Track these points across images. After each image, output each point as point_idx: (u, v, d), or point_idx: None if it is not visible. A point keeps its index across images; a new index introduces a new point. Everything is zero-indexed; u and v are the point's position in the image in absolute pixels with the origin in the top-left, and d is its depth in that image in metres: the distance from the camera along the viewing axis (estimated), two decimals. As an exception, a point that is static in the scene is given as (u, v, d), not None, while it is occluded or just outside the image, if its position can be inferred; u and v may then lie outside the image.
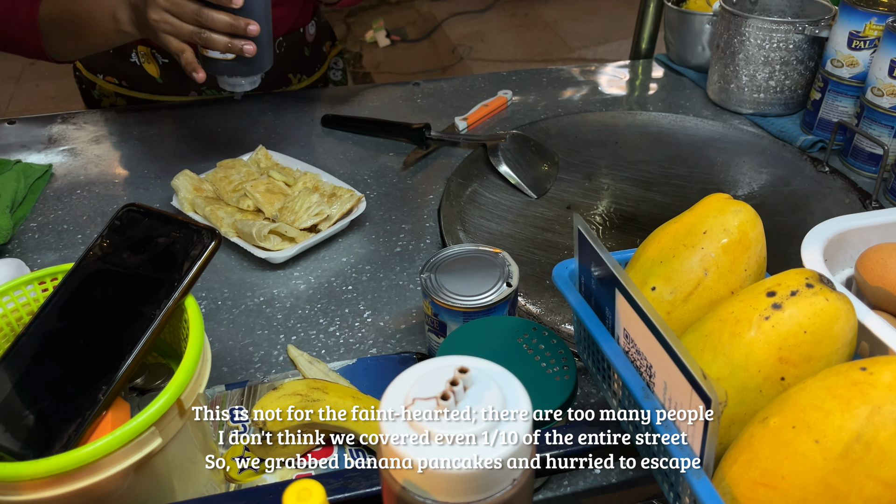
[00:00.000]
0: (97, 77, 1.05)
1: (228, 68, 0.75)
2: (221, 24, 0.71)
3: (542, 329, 0.52)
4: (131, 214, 0.48)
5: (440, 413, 0.31)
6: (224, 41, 0.71)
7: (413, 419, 0.31)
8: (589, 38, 3.51)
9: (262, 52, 0.75)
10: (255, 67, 0.76)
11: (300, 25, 1.07)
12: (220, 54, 0.74)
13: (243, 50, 0.72)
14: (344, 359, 0.63)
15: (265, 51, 0.76)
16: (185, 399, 0.42)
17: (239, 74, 0.77)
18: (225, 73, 0.76)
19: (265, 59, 0.76)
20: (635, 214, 0.82)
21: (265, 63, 0.77)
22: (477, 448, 0.30)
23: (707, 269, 0.44)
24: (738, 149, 0.93)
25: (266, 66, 0.77)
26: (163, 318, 0.44)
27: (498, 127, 1.01)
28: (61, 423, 0.41)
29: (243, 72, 0.76)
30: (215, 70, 0.76)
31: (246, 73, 0.77)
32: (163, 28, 0.72)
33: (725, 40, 0.98)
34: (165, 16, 0.72)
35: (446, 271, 0.58)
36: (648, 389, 0.39)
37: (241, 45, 0.72)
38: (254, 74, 0.78)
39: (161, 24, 0.72)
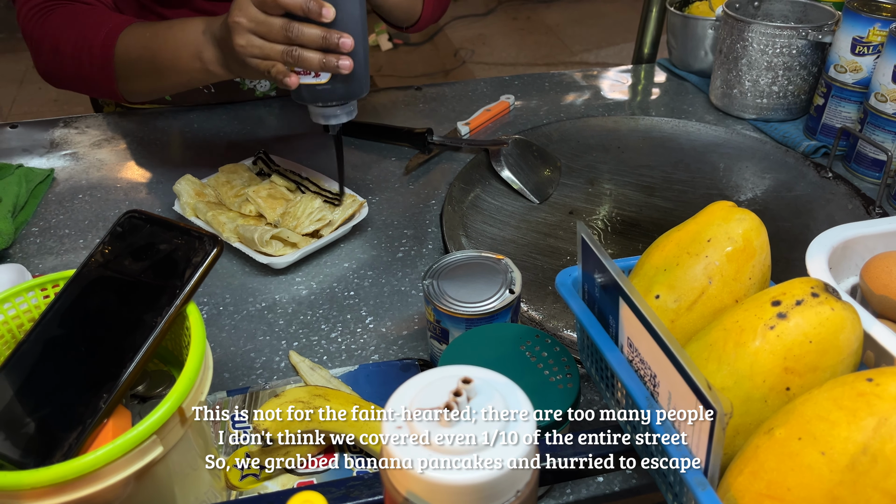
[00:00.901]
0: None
1: (324, 93, 0.68)
2: (313, 38, 0.64)
3: (544, 336, 0.52)
4: (133, 221, 0.48)
5: (444, 424, 0.31)
6: (317, 58, 0.65)
7: (416, 430, 0.31)
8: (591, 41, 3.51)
9: (359, 71, 0.68)
10: (352, 90, 0.69)
11: None
12: (312, 78, 0.67)
13: (339, 66, 0.65)
14: (346, 365, 0.63)
15: (363, 70, 0.68)
16: (187, 407, 0.42)
17: (334, 99, 0.69)
18: (320, 99, 0.69)
19: (363, 82, 0.69)
20: (637, 220, 0.82)
21: (363, 86, 0.70)
22: (481, 459, 0.30)
23: (711, 277, 0.44)
24: (740, 154, 0.93)
25: (364, 90, 0.70)
26: (164, 325, 0.44)
27: (500, 132, 1.01)
28: (62, 432, 0.41)
29: (339, 95, 0.69)
30: (309, 97, 0.69)
31: (342, 98, 0.69)
32: (250, 52, 0.66)
33: (728, 45, 0.98)
34: (252, 39, 0.66)
35: (449, 278, 0.58)
36: (652, 399, 0.39)
37: (336, 62, 0.65)
38: (350, 99, 0.70)
39: (248, 49, 0.66)
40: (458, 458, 0.30)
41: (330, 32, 0.64)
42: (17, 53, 3.32)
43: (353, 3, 0.65)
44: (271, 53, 0.66)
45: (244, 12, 0.65)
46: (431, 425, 0.31)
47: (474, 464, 0.30)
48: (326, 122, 0.71)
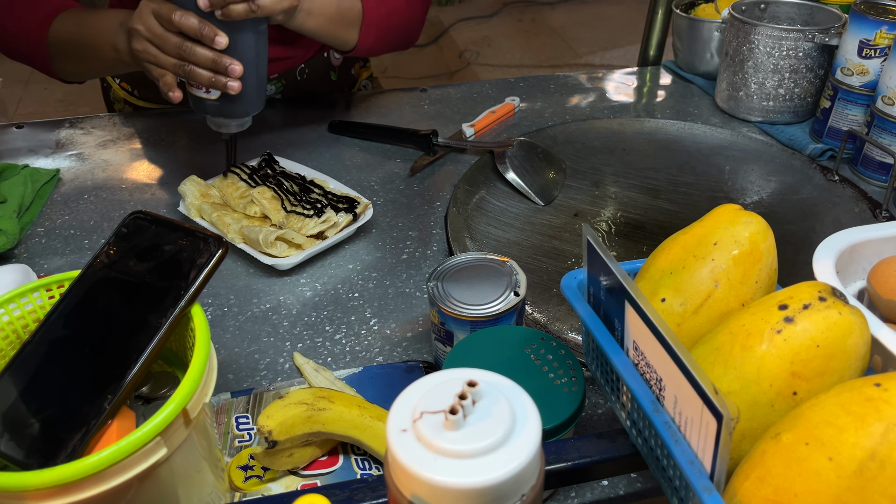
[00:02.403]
0: (114, 81, 1.06)
1: (213, 108, 0.74)
2: (203, 59, 0.69)
3: (549, 339, 0.51)
4: (138, 222, 0.48)
5: (449, 427, 0.31)
6: (207, 76, 0.70)
7: (421, 433, 0.31)
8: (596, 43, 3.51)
9: (249, 93, 0.73)
10: (240, 109, 0.74)
11: (325, 50, 1.06)
12: (203, 92, 0.72)
13: (227, 87, 0.70)
14: (350, 367, 0.63)
15: (253, 93, 0.74)
16: (191, 408, 0.41)
17: (223, 115, 0.75)
18: (209, 112, 0.75)
19: (253, 101, 0.75)
20: (643, 222, 0.82)
21: (254, 105, 0.75)
22: (486, 463, 0.30)
23: (718, 280, 0.44)
24: (746, 157, 0.93)
25: (255, 108, 0.76)
26: (169, 326, 0.44)
27: (505, 133, 1.00)
28: (66, 433, 0.41)
29: (228, 112, 0.74)
30: (201, 108, 0.75)
31: (231, 115, 0.75)
32: (145, 58, 0.71)
33: (734, 48, 0.98)
34: (148, 46, 0.70)
35: (453, 280, 0.57)
36: (658, 403, 0.39)
37: (225, 81, 0.70)
38: (240, 117, 0.76)
39: (143, 55, 0.71)
40: (464, 461, 0.30)
41: (221, 57, 0.69)
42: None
43: (247, 34, 0.70)
44: (164, 63, 0.71)
45: (143, 21, 0.70)
46: (436, 428, 0.31)
47: (479, 467, 0.29)
48: (217, 130, 0.77)
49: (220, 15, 0.67)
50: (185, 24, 0.67)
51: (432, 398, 0.32)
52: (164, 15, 0.68)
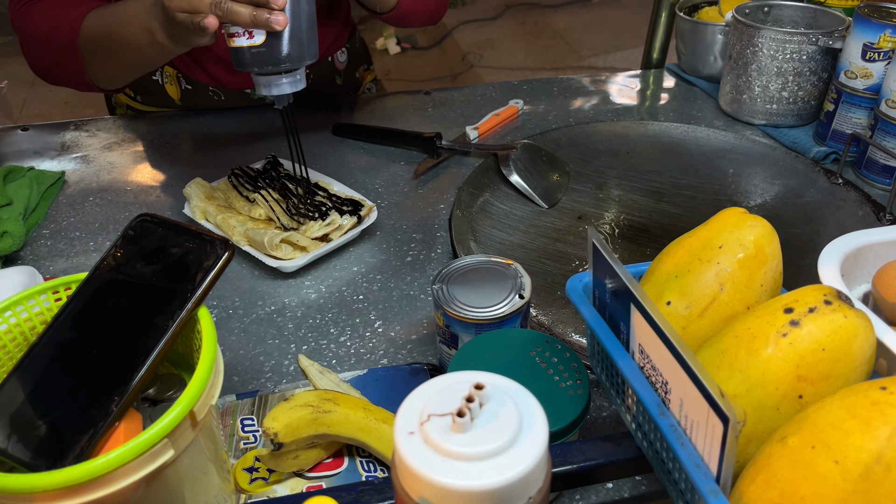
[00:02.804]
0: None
1: (259, 56, 0.64)
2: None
3: (554, 342, 0.51)
4: (145, 224, 0.48)
5: (456, 429, 0.31)
6: (247, 12, 0.61)
7: (429, 435, 0.31)
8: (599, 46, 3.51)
9: (297, 32, 0.63)
10: (290, 53, 0.64)
11: (329, 54, 1.06)
12: (246, 39, 0.63)
13: (270, 21, 0.61)
14: (355, 369, 0.63)
15: (304, 33, 0.64)
16: (198, 410, 0.41)
17: (271, 63, 0.64)
18: (256, 64, 0.64)
19: (305, 44, 0.64)
20: (646, 225, 0.82)
21: (305, 52, 0.65)
22: (494, 465, 0.30)
23: (723, 284, 0.44)
24: (750, 160, 0.93)
25: (306, 56, 0.65)
26: (175, 328, 0.44)
27: (509, 136, 1.01)
28: (74, 434, 0.41)
29: (276, 58, 0.64)
30: (245, 62, 0.64)
31: (279, 61, 0.64)
32: (178, 6, 0.64)
33: (738, 51, 0.98)
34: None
35: (458, 282, 0.57)
36: (664, 406, 0.39)
37: (268, 16, 0.61)
38: (291, 64, 0.65)
39: (176, 3, 0.64)
40: (471, 463, 0.30)
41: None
42: (28, 56, 3.33)
43: None
44: (199, 6, 0.63)
45: None
46: (444, 431, 0.31)
47: (487, 470, 0.29)
48: (269, 93, 0.66)
49: None
50: None
51: (440, 401, 0.32)
52: None
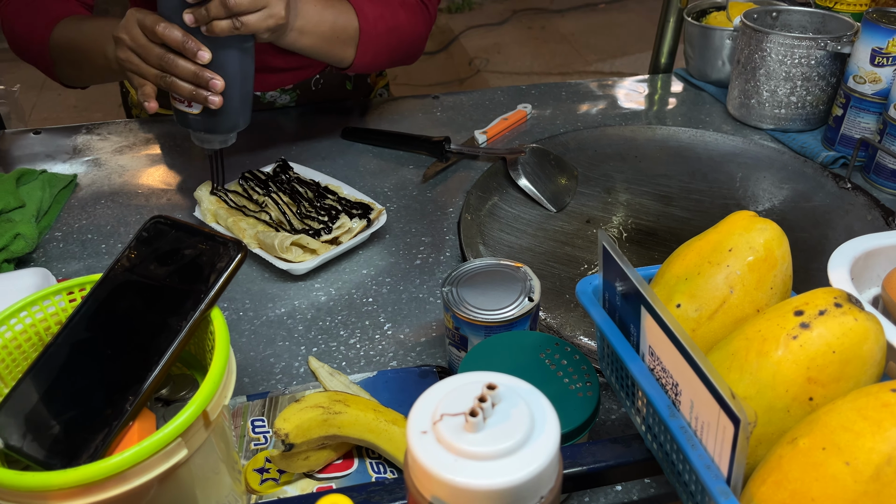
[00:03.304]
0: (132, 87, 1.07)
1: (195, 122, 0.72)
2: (185, 72, 0.68)
3: (564, 344, 0.52)
4: (158, 226, 0.49)
5: (469, 429, 0.31)
6: (188, 88, 0.69)
7: (442, 435, 0.31)
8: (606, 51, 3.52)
9: (232, 109, 0.72)
10: (223, 124, 0.73)
11: None
12: (185, 106, 0.71)
13: (208, 101, 0.69)
14: (364, 371, 0.63)
15: (237, 109, 0.73)
16: (211, 410, 0.42)
17: (205, 130, 0.73)
18: (192, 126, 0.73)
19: (237, 118, 0.73)
20: (655, 229, 0.82)
21: (237, 122, 0.74)
22: (506, 465, 0.30)
23: (733, 286, 0.44)
24: (758, 164, 0.93)
25: (238, 125, 0.74)
26: (189, 329, 0.44)
27: (517, 140, 1.01)
28: (88, 434, 0.42)
29: (211, 127, 0.73)
30: (183, 122, 0.73)
31: (214, 130, 0.73)
32: (128, 67, 0.71)
33: (746, 56, 0.98)
34: (131, 56, 0.70)
35: (468, 285, 0.58)
36: (674, 407, 0.39)
37: (206, 95, 0.69)
38: (222, 132, 0.74)
39: (126, 63, 0.71)
40: (484, 463, 0.30)
41: (202, 71, 0.68)
42: (38, 61, 3.35)
43: (231, 50, 0.69)
44: (146, 74, 0.70)
45: (128, 31, 0.69)
46: (457, 430, 0.31)
47: (499, 469, 0.30)
48: (201, 145, 0.75)
49: (205, 31, 0.67)
50: (169, 36, 0.67)
51: (452, 400, 0.32)
52: (149, 26, 0.67)
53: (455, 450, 0.30)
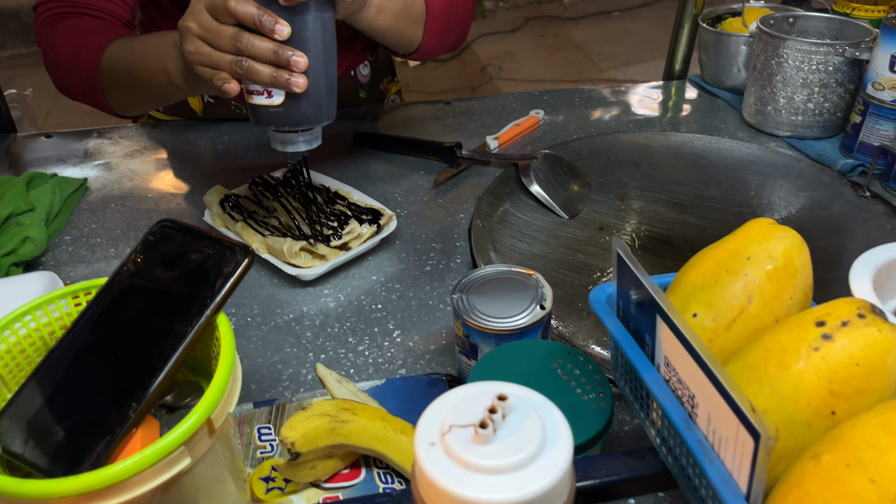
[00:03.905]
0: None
1: (277, 116, 0.64)
2: (263, 51, 0.61)
3: (576, 354, 0.50)
4: (165, 230, 0.48)
5: (478, 441, 0.30)
6: (268, 72, 0.61)
7: (450, 447, 0.30)
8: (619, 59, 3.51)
9: (317, 94, 0.64)
10: (309, 113, 0.64)
11: (351, 68, 1.06)
12: (265, 98, 0.63)
13: (290, 83, 0.61)
14: (373, 379, 0.62)
15: (323, 94, 0.64)
16: (215, 418, 0.41)
17: (288, 123, 0.65)
18: (273, 122, 0.65)
19: (324, 106, 0.65)
20: (669, 237, 0.81)
21: (324, 111, 0.65)
22: (517, 479, 0.29)
23: (751, 296, 0.43)
24: (774, 172, 0.91)
25: (324, 117, 0.66)
26: (194, 335, 0.44)
27: (529, 146, 1.00)
28: (91, 441, 0.41)
29: (295, 118, 0.64)
30: (263, 119, 0.65)
31: (297, 122, 0.65)
32: (198, 59, 0.63)
33: (763, 62, 0.97)
34: (201, 45, 0.63)
35: (479, 292, 0.57)
36: (691, 420, 0.38)
37: (288, 77, 0.61)
38: (308, 125, 0.66)
39: (196, 56, 0.63)
40: (494, 476, 0.29)
41: (282, 48, 0.61)
42: (54, 66, 3.38)
43: (313, 22, 0.62)
44: (220, 62, 0.62)
45: (196, 18, 0.62)
46: (466, 442, 0.30)
47: (510, 483, 0.29)
48: (283, 149, 0.67)
49: (283, 1, 0.59)
50: (242, 10, 0.59)
51: (461, 411, 0.31)
52: (219, 6, 0.60)
53: (464, 463, 0.29)
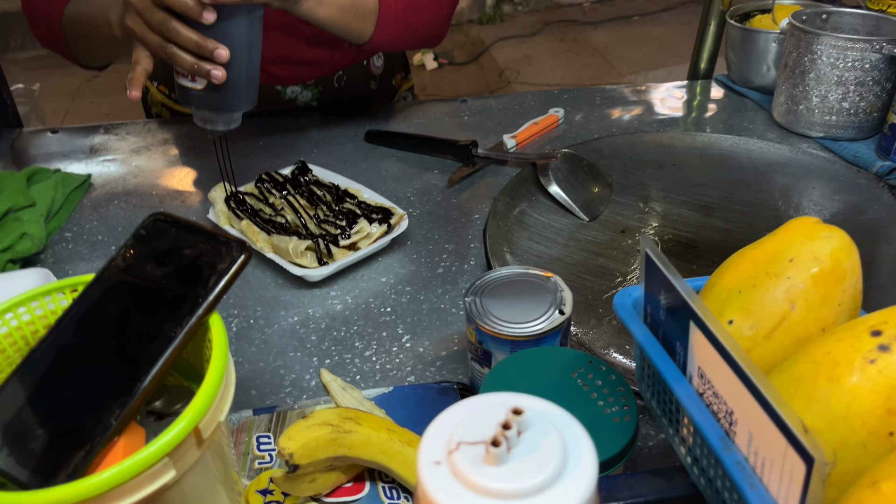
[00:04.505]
0: (152, 84, 1.05)
1: (198, 99, 0.68)
2: (187, 40, 0.63)
3: (598, 363, 0.47)
4: (158, 224, 0.45)
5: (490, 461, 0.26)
6: (190, 60, 0.64)
7: (458, 467, 0.26)
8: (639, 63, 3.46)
9: (237, 85, 0.67)
10: (227, 102, 0.68)
11: (364, 57, 1.04)
12: (189, 81, 0.67)
13: (210, 74, 0.64)
14: (380, 386, 0.59)
15: (243, 86, 0.68)
16: (204, 427, 0.38)
17: (208, 108, 0.69)
18: (194, 103, 0.69)
19: (242, 96, 0.69)
20: (695, 241, 0.77)
21: (243, 100, 0.69)
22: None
23: (794, 301, 0.39)
24: (807, 174, 0.87)
25: (243, 105, 0.70)
26: (184, 336, 0.40)
27: (548, 146, 0.96)
28: (69, 449, 0.38)
29: (214, 104, 0.68)
30: (185, 100, 0.69)
31: (217, 107, 0.69)
32: (133, 32, 0.67)
33: (795, 59, 0.93)
34: (137, 21, 0.66)
35: (493, 295, 0.53)
36: (728, 439, 0.34)
37: (209, 68, 0.64)
38: (225, 111, 0.69)
39: (132, 29, 0.66)
40: (507, 502, 0.25)
41: (205, 40, 0.63)
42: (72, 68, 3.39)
43: (238, 17, 0.65)
44: (149, 41, 0.66)
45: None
46: (475, 462, 0.26)
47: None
48: (203, 126, 0.71)
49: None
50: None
51: (471, 426, 0.28)
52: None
53: (473, 485, 0.26)
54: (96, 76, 3.32)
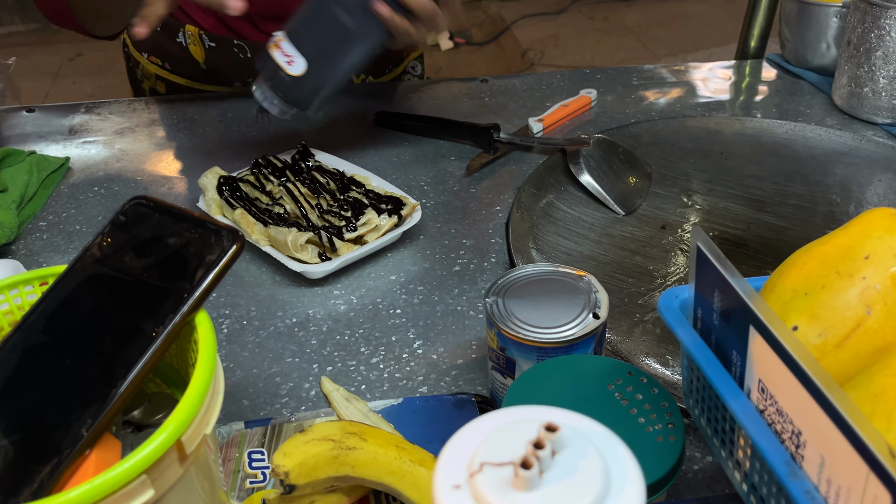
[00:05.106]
0: (142, 56, 1.05)
1: (281, 81, 0.74)
2: None
3: (639, 374, 0.45)
4: (139, 209, 0.44)
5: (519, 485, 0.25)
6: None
7: (481, 492, 0.25)
8: (677, 45, 3.45)
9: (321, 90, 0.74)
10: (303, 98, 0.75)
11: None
12: (285, 62, 0.73)
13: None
14: (388, 397, 0.59)
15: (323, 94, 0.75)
16: (188, 441, 0.37)
17: (284, 93, 0.75)
18: (274, 82, 0.74)
19: (316, 102, 0.75)
20: (744, 239, 0.76)
21: (314, 104, 0.75)
22: (570, 542, 0.24)
23: (870, 305, 0.37)
24: (872, 165, 0.86)
25: (312, 108, 0.76)
26: (167, 336, 0.39)
27: (579, 130, 0.96)
28: (34, 464, 0.37)
29: (290, 93, 0.74)
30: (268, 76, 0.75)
31: (290, 96, 0.75)
32: None
33: (859, 35, 0.91)
34: None
35: (518, 296, 0.53)
36: (794, 464, 0.32)
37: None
38: (294, 104, 0.75)
39: None
40: (539, 536, 0.24)
41: None
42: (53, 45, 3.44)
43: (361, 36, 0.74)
44: None
45: None
46: (502, 487, 0.25)
47: (562, 547, 0.23)
48: (261, 103, 0.76)
49: None
50: None
51: (497, 445, 0.26)
52: None
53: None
54: (79, 54, 3.35)
